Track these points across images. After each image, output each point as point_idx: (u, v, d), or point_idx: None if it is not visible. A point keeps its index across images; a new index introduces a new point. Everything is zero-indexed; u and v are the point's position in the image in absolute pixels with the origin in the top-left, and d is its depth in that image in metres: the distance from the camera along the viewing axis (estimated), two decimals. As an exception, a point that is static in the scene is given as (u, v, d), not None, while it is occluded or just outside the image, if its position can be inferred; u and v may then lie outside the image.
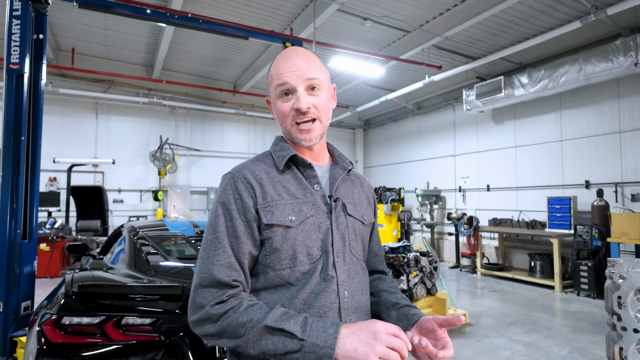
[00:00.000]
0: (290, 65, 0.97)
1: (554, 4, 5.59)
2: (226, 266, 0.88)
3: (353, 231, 1.03)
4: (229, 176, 0.98)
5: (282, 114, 0.99)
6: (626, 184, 6.08)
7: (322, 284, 0.93)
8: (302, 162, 1.01)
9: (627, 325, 0.82)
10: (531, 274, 6.81)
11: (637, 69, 5.36)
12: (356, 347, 0.75)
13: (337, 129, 12.10)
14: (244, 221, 0.92)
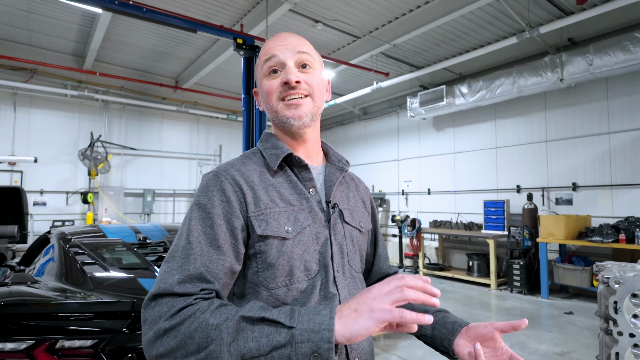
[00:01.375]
0: (280, 41, 0.87)
1: (492, 20, 5.98)
2: (196, 277, 0.71)
3: (351, 241, 0.92)
4: (213, 175, 0.83)
5: (267, 91, 0.86)
6: (551, 189, 6.68)
7: (323, 304, 0.81)
8: (297, 163, 0.88)
9: (623, 330, 0.82)
10: (469, 273, 7.22)
11: (562, 84, 5.91)
12: (356, 307, 0.62)
13: (283, 131, 11.97)
14: (228, 229, 0.77)
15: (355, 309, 0.62)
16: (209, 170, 0.87)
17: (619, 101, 5.92)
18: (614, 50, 5.21)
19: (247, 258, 0.81)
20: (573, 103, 6.44)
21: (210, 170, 0.85)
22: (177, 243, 0.77)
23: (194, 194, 0.88)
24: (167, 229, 3.31)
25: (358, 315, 0.61)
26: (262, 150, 0.91)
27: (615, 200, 5.91)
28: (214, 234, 0.76)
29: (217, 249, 0.75)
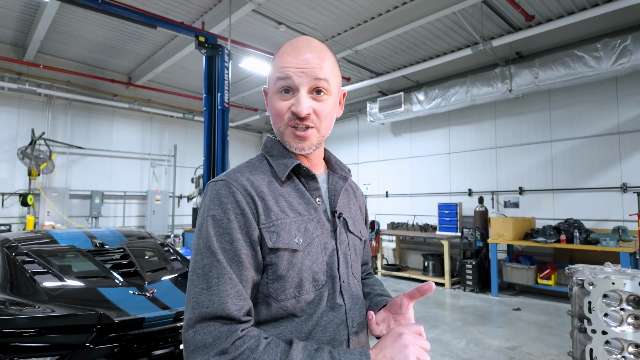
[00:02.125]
0: (299, 60, 0.81)
1: (449, 32, 6.28)
2: (235, 296, 0.71)
3: (354, 250, 0.93)
4: (224, 184, 0.79)
5: (277, 112, 0.84)
6: (500, 192, 7.12)
7: (329, 315, 0.81)
8: (305, 173, 0.87)
9: (596, 328, 0.89)
10: (425, 273, 7.50)
11: (511, 95, 6.33)
12: (392, 357, 0.69)
13: (243, 132, 11.77)
14: (247, 242, 0.76)
15: (392, 357, 0.70)
16: (217, 178, 0.83)
17: (559, 112, 6.44)
18: (556, 65, 5.66)
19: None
20: (520, 112, 6.92)
21: (218, 178, 0.82)
22: (199, 260, 0.75)
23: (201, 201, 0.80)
24: (124, 234, 3.14)
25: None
26: (268, 159, 0.88)
27: (556, 204, 6.41)
28: (234, 249, 0.74)
29: (240, 264, 0.74)
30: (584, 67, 5.38)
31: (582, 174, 6.15)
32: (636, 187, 5.59)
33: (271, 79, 0.86)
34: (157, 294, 2.08)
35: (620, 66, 5.08)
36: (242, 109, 10.29)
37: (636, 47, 4.94)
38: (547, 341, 4.16)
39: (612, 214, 5.80)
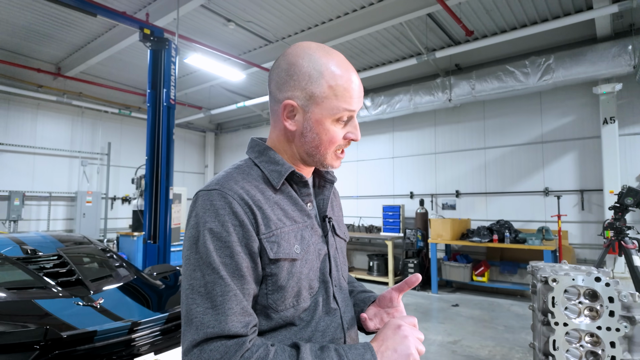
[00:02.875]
0: (359, 90, 0.82)
1: (395, 42, 6.55)
2: (241, 313, 0.69)
3: (341, 252, 0.94)
4: (218, 195, 0.75)
5: (332, 139, 0.81)
6: (439, 195, 7.56)
7: (326, 319, 0.82)
8: (298, 179, 0.85)
9: (559, 320, 0.98)
10: (369, 272, 7.72)
11: (450, 104, 6.76)
12: (395, 348, 0.72)
13: (185, 130, 11.28)
14: (247, 254, 0.73)
15: (394, 349, 0.72)
16: (208, 187, 0.77)
17: (493, 122, 7.00)
18: (491, 78, 6.15)
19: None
20: (458, 121, 7.41)
21: (210, 187, 0.77)
22: (199, 277, 0.70)
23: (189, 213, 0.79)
24: (60, 239, 2.85)
25: (398, 356, 0.72)
26: (258, 164, 0.85)
27: (489, 206, 6.96)
28: (235, 263, 0.71)
29: (242, 279, 0.72)
30: (515, 81, 5.91)
31: (512, 179, 6.74)
32: (556, 191, 6.25)
33: (331, 106, 0.79)
34: (106, 304, 1.91)
35: (545, 82, 5.66)
36: (185, 106, 9.85)
37: (558, 66, 5.53)
38: (483, 334, 4.49)
39: (537, 215, 6.42)
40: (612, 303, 1.05)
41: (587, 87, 5.94)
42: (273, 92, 0.85)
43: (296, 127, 0.82)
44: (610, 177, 5.58)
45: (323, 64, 0.80)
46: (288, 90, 0.81)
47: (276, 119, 0.86)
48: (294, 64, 0.81)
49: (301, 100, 0.80)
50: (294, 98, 0.80)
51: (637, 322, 1.05)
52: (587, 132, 6.05)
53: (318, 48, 0.82)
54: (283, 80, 0.82)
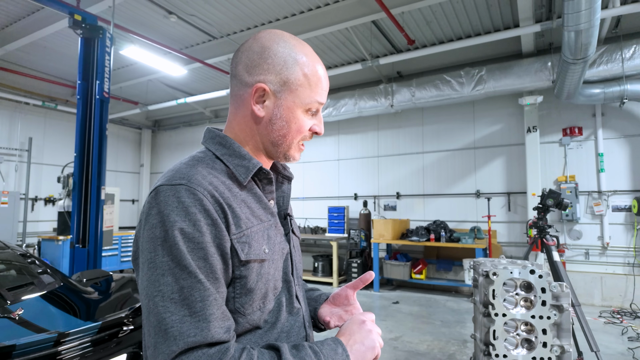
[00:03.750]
0: (326, 84, 0.83)
1: (341, 46, 6.67)
2: (221, 318, 0.66)
3: (298, 251, 0.92)
4: (186, 191, 0.68)
5: (300, 128, 0.80)
6: (381, 197, 7.81)
7: (290, 320, 0.80)
8: (264, 176, 0.81)
9: (498, 311, 1.05)
10: (314, 273, 7.76)
11: (392, 110, 7.02)
12: (362, 341, 0.75)
13: (119, 126, 10.55)
14: (220, 255, 0.68)
15: (362, 342, 0.75)
16: (172, 181, 0.70)
17: (431, 127, 7.39)
18: (429, 86, 6.49)
19: None
20: (399, 126, 7.72)
21: (174, 181, 0.69)
22: (170, 282, 0.64)
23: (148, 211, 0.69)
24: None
25: (366, 349, 0.75)
26: (221, 158, 0.78)
27: (426, 207, 7.33)
28: (209, 266, 0.66)
29: (217, 281, 0.67)
30: (451, 90, 6.29)
31: (447, 182, 7.16)
32: (486, 193, 6.74)
33: (304, 94, 0.78)
34: (27, 315, 1.71)
35: (477, 92, 6.09)
36: (119, 100, 9.21)
37: (489, 77, 5.98)
38: (422, 329, 4.70)
39: (469, 216, 6.88)
40: (544, 293, 1.13)
41: (513, 98, 6.50)
42: (240, 75, 0.79)
43: (265, 114, 0.78)
44: (532, 180, 6.15)
45: (299, 52, 0.78)
46: (260, 73, 0.77)
47: (241, 104, 0.80)
48: (269, 48, 0.77)
49: (274, 85, 0.77)
50: (266, 82, 0.77)
51: (565, 310, 1.14)
52: (514, 140, 6.61)
53: (291, 36, 0.81)
54: (255, 62, 0.77)
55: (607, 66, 5.25)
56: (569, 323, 1.13)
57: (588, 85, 5.47)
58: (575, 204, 5.91)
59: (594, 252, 5.95)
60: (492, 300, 1.18)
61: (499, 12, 5.48)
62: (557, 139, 6.27)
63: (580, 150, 6.14)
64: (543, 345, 1.09)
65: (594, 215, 5.96)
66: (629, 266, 5.71)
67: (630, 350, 3.97)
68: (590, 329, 3.14)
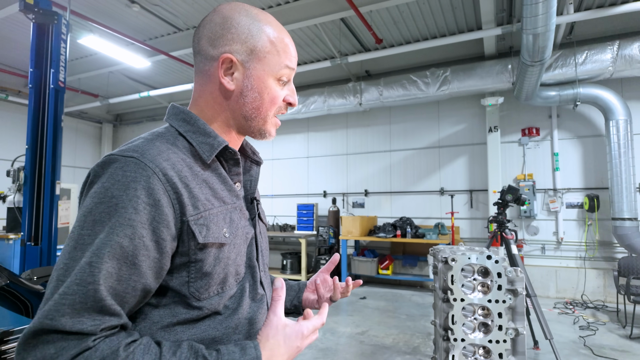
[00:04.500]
0: (294, 51, 0.81)
1: (310, 43, 6.65)
2: (98, 309, 0.57)
3: (265, 238, 0.90)
4: (135, 165, 0.63)
5: (274, 98, 0.77)
6: (350, 194, 7.88)
7: (253, 306, 0.77)
8: (230, 156, 0.78)
9: (457, 296, 1.08)
10: (283, 271, 7.72)
11: (361, 108, 7.08)
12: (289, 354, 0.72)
13: (77, 120, 10.04)
14: (153, 241, 0.62)
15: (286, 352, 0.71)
16: (124, 152, 0.65)
17: (398, 126, 7.53)
18: (396, 86, 6.60)
19: (173, 268, 0.67)
20: (367, 124, 7.81)
21: (126, 153, 0.64)
22: (72, 255, 0.58)
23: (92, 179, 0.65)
24: None
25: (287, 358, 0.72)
26: (184, 134, 0.74)
27: (393, 204, 7.46)
28: (133, 247, 0.60)
29: (133, 267, 0.60)
30: (417, 90, 6.43)
31: (413, 180, 7.32)
32: (450, 191, 6.94)
33: (273, 61, 0.76)
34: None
35: (442, 92, 6.26)
36: (77, 92, 8.76)
37: (453, 78, 6.16)
38: (388, 323, 4.78)
39: (434, 213, 7.07)
40: (500, 278, 1.16)
41: (476, 98, 6.72)
42: (204, 49, 0.76)
43: (235, 86, 0.75)
44: (493, 178, 6.39)
45: (262, 20, 0.77)
46: (225, 44, 0.74)
47: (207, 80, 0.77)
48: (231, 17, 0.75)
49: (241, 55, 0.74)
50: (232, 52, 0.74)
51: (519, 294, 1.18)
52: (476, 139, 6.85)
53: (253, 7, 0.79)
54: (218, 34, 0.74)
55: (562, 70, 5.54)
56: (523, 307, 1.17)
57: (545, 88, 5.75)
58: (532, 201, 6.20)
59: (550, 247, 6.27)
60: (450, 286, 1.20)
61: (463, 15, 5.65)
62: (517, 139, 6.55)
63: (538, 150, 6.45)
64: (499, 328, 1.12)
65: (549, 211, 6.27)
66: (581, 260, 6.06)
67: (581, 338, 4.21)
68: (545, 319, 3.30)
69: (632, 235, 5.25)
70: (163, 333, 0.66)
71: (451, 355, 1.16)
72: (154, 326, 0.66)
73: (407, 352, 3.82)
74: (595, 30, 5.88)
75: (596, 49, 5.35)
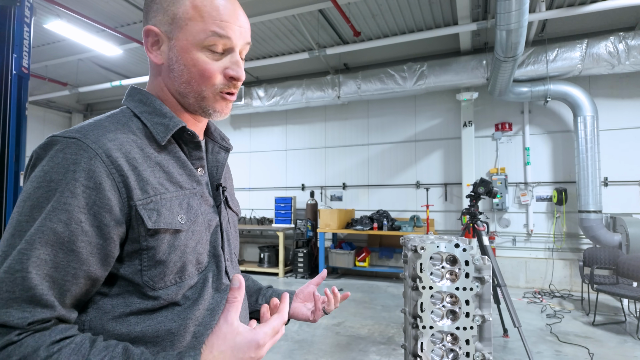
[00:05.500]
0: (235, 17, 0.70)
1: (288, 34, 6.58)
2: (27, 299, 0.54)
3: (233, 226, 0.87)
4: (76, 145, 0.60)
5: (204, 72, 0.69)
6: (328, 187, 7.89)
7: (215, 297, 0.73)
8: (189, 138, 0.74)
9: (425, 284, 1.09)
10: (260, 264, 7.69)
11: (339, 101, 7.08)
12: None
13: (45, 109, 9.63)
14: (94, 226, 0.59)
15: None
16: (66, 133, 0.61)
17: (375, 120, 7.57)
18: (374, 80, 6.62)
19: (124, 255, 0.64)
20: (345, 118, 7.82)
21: (69, 134, 0.61)
22: (10, 242, 0.55)
23: (33, 162, 0.62)
24: None
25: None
26: (139, 115, 0.70)
27: (370, 197, 7.52)
28: (69, 232, 0.57)
29: (70, 253, 0.57)
30: (394, 84, 6.47)
31: (390, 173, 7.40)
32: (426, 184, 7.06)
33: (196, 29, 0.68)
34: None
35: (419, 87, 6.32)
36: (45, 80, 8.39)
37: (430, 73, 6.23)
38: (364, 314, 4.83)
39: (410, 205, 7.17)
40: (467, 266, 1.17)
41: (452, 93, 6.83)
42: (144, 25, 0.73)
43: (163, 60, 0.71)
44: (467, 172, 6.53)
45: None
46: (152, 16, 0.71)
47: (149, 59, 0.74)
48: None
49: (164, 26, 0.69)
50: (156, 24, 0.70)
51: (486, 281, 1.20)
52: (451, 133, 6.97)
53: None
54: (148, 7, 0.72)
55: (534, 67, 5.69)
56: (490, 294, 1.19)
57: (517, 84, 5.90)
58: (505, 194, 6.38)
59: (520, 239, 6.48)
60: (419, 274, 1.21)
61: (439, 10, 5.71)
62: (490, 134, 6.70)
63: (510, 145, 6.62)
64: (466, 315, 1.14)
65: (520, 204, 6.47)
66: (549, 251, 6.29)
67: (548, 326, 4.38)
68: (514, 308, 3.41)
69: (597, 227, 5.48)
70: (115, 324, 0.63)
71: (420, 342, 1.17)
72: (105, 316, 0.63)
73: (382, 342, 3.88)
74: (566, 28, 6.06)
75: (566, 46, 5.52)
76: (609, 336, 4.05)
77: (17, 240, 0.55)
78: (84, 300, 0.62)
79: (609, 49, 5.27)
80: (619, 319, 4.59)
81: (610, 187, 5.97)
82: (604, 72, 5.53)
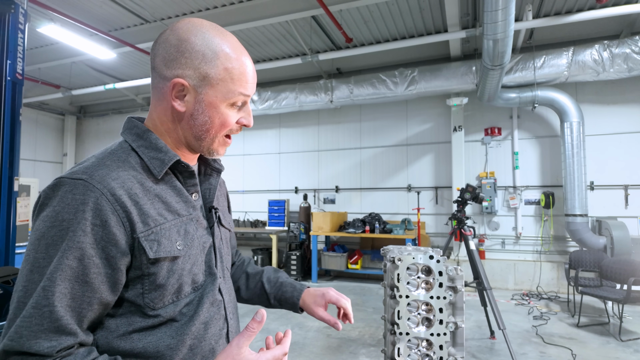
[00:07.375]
0: (254, 76, 0.81)
1: (282, 39, 6.65)
2: (55, 330, 0.62)
3: (226, 243, 0.93)
4: (83, 186, 0.66)
5: (224, 122, 0.78)
6: (321, 190, 7.97)
7: (210, 311, 0.80)
8: (184, 169, 0.80)
9: (402, 293, 1.17)
10: (253, 267, 7.72)
11: (332, 105, 7.16)
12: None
13: (38, 111, 9.60)
14: (103, 259, 0.66)
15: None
16: (73, 174, 0.68)
17: (368, 124, 7.66)
18: (366, 84, 6.72)
19: (128, 280, 0.71)
20: (338, 121, 7.90)
21: (75, 175, 0.67)
22: (30, 277, 0.63)
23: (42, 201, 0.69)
24: None
25: None
26: (136, 150, 0.76)
27: (363, 200, 7.61)
28: (83, 267, 0.64)
29: (85, 284, 0.65)
30: (386, 89, 6.57)
31: (382, 176, 7.49)
32: (417, 187, 7.16)
33: (226, 89, 0.75)
34: None
35: (410, 92, 6.42)
36: (37, 83, 8.38)
37: (420, 78, 6.33)
38: (355, 317, 4.91)
39: (401, 208, 7.27)
40: (441, 276, 1.26)
41: (442, 98, 6.94)
42: (158, 68, 0.76)
43: (186, 109, 0.76)
44: (457, 176, 6.64)
45: (217, 44, 0.75)
46: (178, 68, 0.74)
47: (161, 97, 0.78)
48: (186, 40, 0.74)
49: (193, 80, 0.75)
50: (185, 77, 0.74)
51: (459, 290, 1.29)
52: (442, 138, 7.08)
53: (211, 27, 0.77)
54: (172, 56, 0.74)
55: (522, 73, 5.81)
56: (463, 302, 1.28)
57: (506, 89, 6.02)
58: (494, 198, 6.50)
59: (509, 242, 6.60)
60: (397, 284, 1.28)
61: (430, 17, 5.81)
62: (480, 138, 6.82)
63: (499, 149, 6.75)
64: (440, 322, 1.22)
65: (509, 208, 6.60)
66: (537, 253, 6.42)
67: (534, 328, 4.49)
68: (499, 311, 3.51)
69: (583, 230, 5.61)
70: (119, 341, 0.70)
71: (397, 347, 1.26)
72: (110, 335, 0.70)
73: (372, 345, 3.96)
74: (553, 36, 6.19)
75: (553, 54, 5.65)
76: (593, 337, 4.16)
77: (37, 277, 0.62)
78: (96, 322, 0.70)
79: (594, 57, 5.40)
80: (603, 321, 4.72)
81: (596, 190, 6.11)
82: (589, 79, 5.67)
